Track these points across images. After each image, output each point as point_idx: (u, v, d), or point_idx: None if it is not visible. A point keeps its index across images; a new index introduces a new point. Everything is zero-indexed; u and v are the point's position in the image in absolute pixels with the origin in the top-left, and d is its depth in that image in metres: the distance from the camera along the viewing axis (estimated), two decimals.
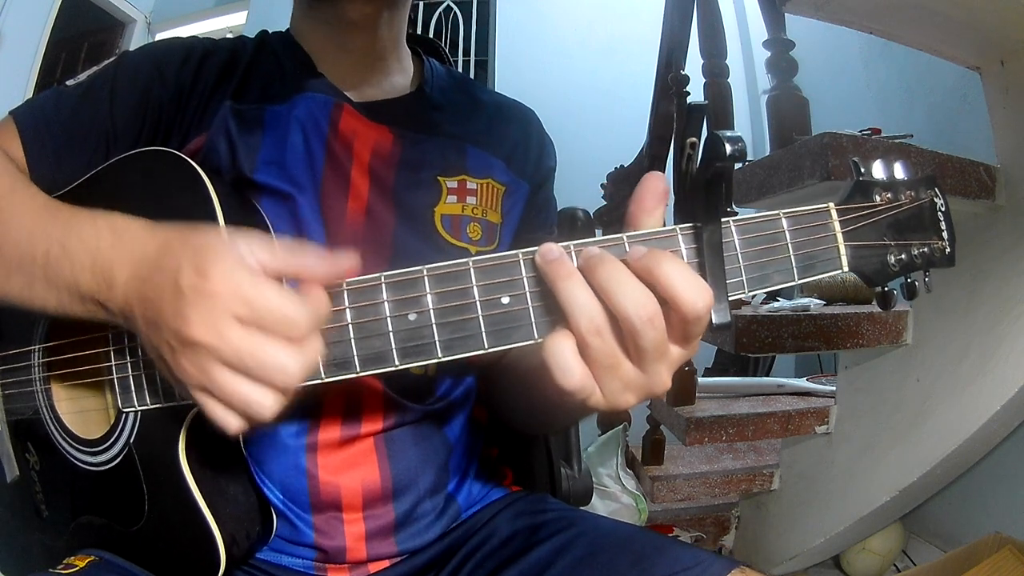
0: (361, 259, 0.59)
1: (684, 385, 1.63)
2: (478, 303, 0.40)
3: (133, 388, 0.50)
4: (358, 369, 0.41)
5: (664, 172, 1.89)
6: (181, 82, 0.61)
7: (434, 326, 0.40)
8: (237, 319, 0.36)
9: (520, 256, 0.40)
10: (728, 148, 0.38)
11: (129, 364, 0.50)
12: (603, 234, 0.42)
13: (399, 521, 0.60)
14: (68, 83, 0.61)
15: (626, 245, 0.40)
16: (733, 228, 0.42)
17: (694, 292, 0.36)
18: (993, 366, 1.22)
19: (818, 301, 1.58)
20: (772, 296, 1.83)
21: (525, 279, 0.40)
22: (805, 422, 1.56)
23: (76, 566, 0.52)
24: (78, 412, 0.58)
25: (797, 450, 1.66)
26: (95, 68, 0.62)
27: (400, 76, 0.70)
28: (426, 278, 0.40)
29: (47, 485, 0.60)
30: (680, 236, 0.41)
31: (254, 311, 0.36)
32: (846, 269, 0.43)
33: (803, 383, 1.75)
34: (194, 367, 0.37)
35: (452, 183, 0.64)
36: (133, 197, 0.52)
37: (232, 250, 0.37)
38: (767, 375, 2.35)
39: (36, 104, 0.59)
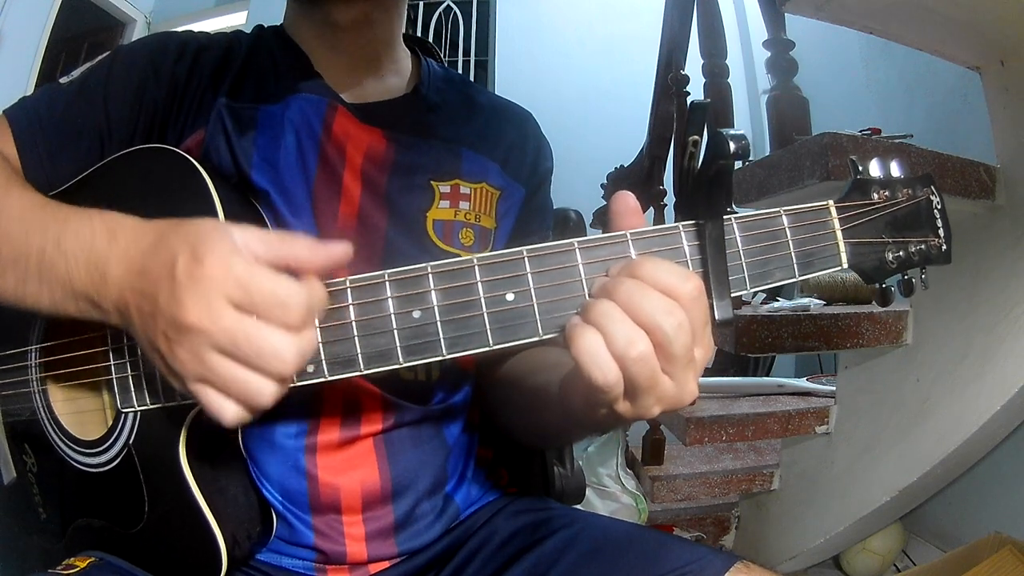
0: (352, 264, 0.60)
1: None
2: (482, 300, 0.40)
3: (132, 388, 0.50)
4: (362, 367, 0.41)
5: (664, 172, 1.89)
6: (176, 77, 0.60)
7: (438, 323, 0.40)
8: (232, 303, 0.36)
9: (525, 253, 0.41)
10: (732, 146, 0.38)
11: (128, 364, 0.50)
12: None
13: (399, 522, 0.60)
14: (62, 80, 0.60)
15: (630, 242, 0.41)
16: (735, 225, 0.42)
17: (678, 276, 0.37)
18: (993, 366, 1.22)
19: (818, 301, 1.58)
20: (772, 296, 1.83)
21: (529, 275, 0.40)
22: (805, 422, 1.56)
23: (76, 567, 0.52)
24: (75, 413, 0.58)
25: (797, 450, 1.66)
26: (89, 64, 0.61)
27: (395, 77, 0.69)
28: (430, 275, 0.41)
29: (45, 487, 0.60)
30: (683, 233, 0.41)
31: (248, 294, 0.36)
32: (845, 266, 0.43)
33: (803, 383, 1.75)
34: (190, 355, 0.37)
35: (445, 187, 0.64)
36: (132, 195, 0.52)
37: (227, 236, 0.37)
38: (767, 375, 2.35)
39: (29, 103, 0.59)
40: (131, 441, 0.52)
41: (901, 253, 0.44)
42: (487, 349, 0.41)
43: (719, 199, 0.40)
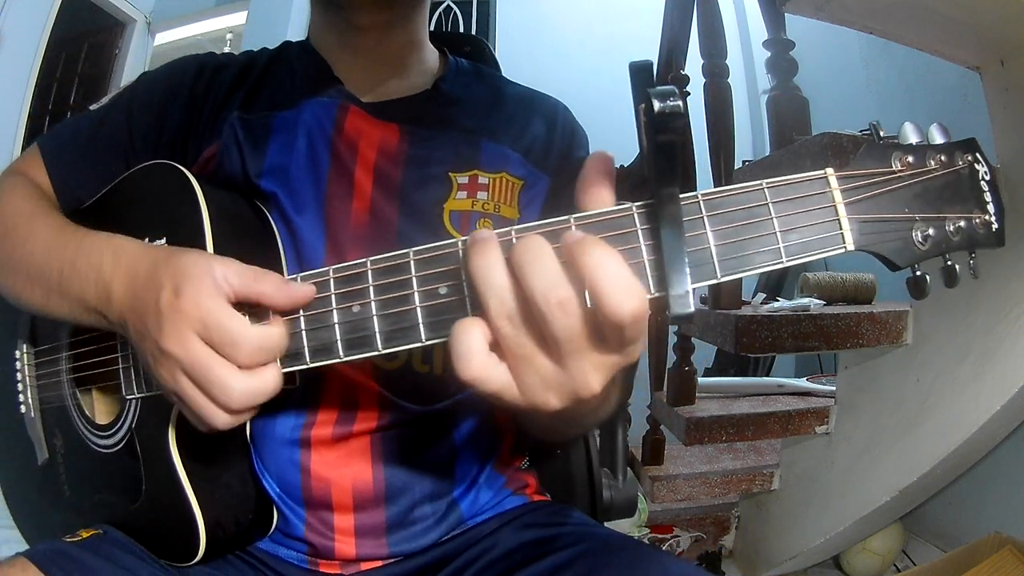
0: (365, 257, 0.59)
1: (684, 385, 1.63)
2: (416, 294, 0.39)
3: (133, 376, 0.53)
4: (308, 360, 0.42)
5: None
6: (194, 94, 0.65)
7: (375, 318, 0.40)
8: (198, 335, 0.41)
9: (459, 245, 0.38)
10: (657, 105, 0.32)
11: (131, 355, 0.53)
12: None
13: (391, 523, 0.59)
14: (91, 107, 0.67)
15: (573, 228, 0.36)
16: (701, 203, 0.36)
17: (621, 293, 0.32)
18: (993, 366, 1.22)
19: (818, 301, 1.58)
20: (772, 296, 1.83)
21: (463, 268, 0.38)
22: (805, 422, 1.56)
23: (81, 536, 0.55)
24: (96, 400, 0.63)
25: (797, 450, 1.66)
26: (116, 91, 0.68)
27: (419, 77, 0.69)
28: (369, 271, 0.41)
29: (70, 467, 0.66)
30: (636, 215, 0.36)
31: (207, 329, 0.41)
32: (851, 248, 0.36)
33: (803, 383, 1.75)
34: (167, 373, 0.43)
35: (463, 178, 0.63)
36: (138, 209, 0.57)
37: (206, 274, 0.42)
38: (767, 375, 2.35)
39: (59, 129, 0.67)
40: (133, 425, 0.55)
41: (932, 231, 0.36)
42: (420, 344, 0.39)
43: (666, 170, 0.34)
